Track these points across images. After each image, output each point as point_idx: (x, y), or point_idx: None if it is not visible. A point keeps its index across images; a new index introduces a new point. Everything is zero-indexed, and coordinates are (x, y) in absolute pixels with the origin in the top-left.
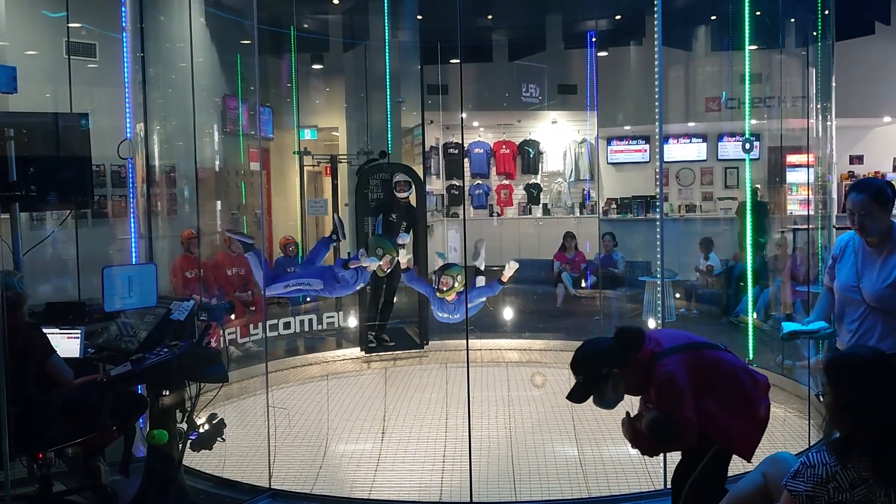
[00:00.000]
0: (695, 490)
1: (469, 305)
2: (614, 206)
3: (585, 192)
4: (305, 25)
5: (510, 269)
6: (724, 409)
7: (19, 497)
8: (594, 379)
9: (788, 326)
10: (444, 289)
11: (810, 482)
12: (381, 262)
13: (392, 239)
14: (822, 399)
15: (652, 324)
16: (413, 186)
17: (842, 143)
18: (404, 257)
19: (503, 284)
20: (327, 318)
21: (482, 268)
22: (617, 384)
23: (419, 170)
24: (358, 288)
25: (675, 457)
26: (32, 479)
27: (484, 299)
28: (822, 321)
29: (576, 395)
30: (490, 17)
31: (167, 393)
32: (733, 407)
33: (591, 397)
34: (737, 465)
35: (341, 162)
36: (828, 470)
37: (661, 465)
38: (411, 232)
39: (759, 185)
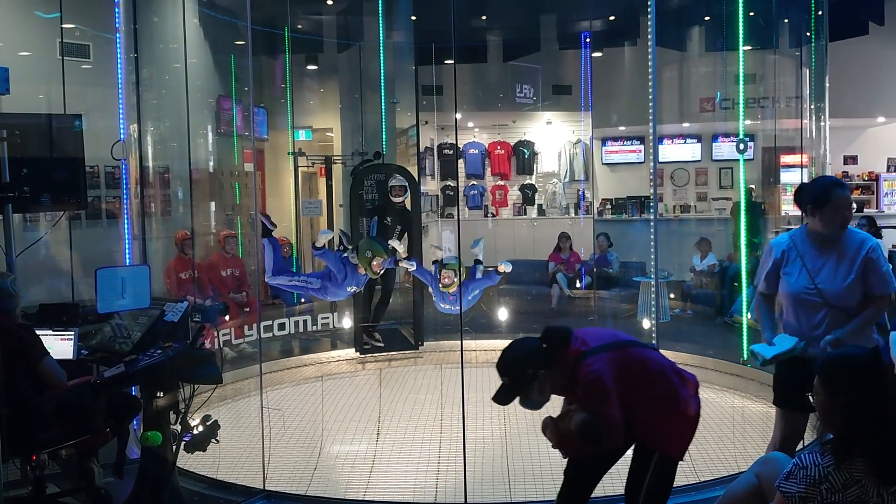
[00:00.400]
0: (650, 498)
1: (470, 297)
2: (609, 206)
3: (580, 192)
4: (299, 26)
5: (505, 267)
6: (653, 408)
7: (12, 499)
8: (521, 380)
9: (763, 351)
10: (447, 282)
11: (803, 483)
12: (374, 264)
13: (383, 241)
14: (812, 399)
15: (647, 324)
16: (409, 191)
17: (836, 143)
18: (401, 246)
19: (501, 275)
20: (322, 319)
21: (480, 257)
22: (543, 385)
23: (414, 170)
24: (352, 293)
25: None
26: (26, 481)
27: (479, 290)
28: (786, 335)
29: (501, 397)
30: (484, 17)
31: (161, 394)
32: (662, 406)
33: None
34: (732, 466)
35: (336, 163)
36: (820, 471)
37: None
38: (405, 236)
39: (753, 186)
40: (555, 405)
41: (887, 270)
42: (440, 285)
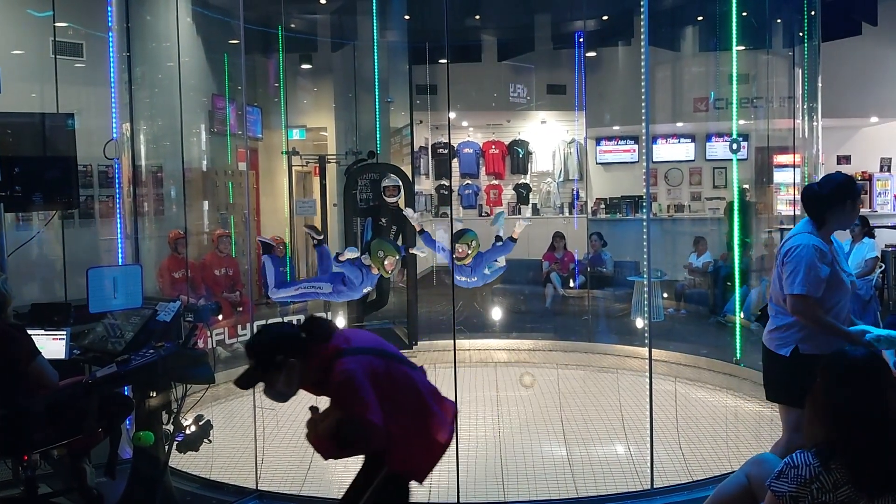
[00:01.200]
0: None
1: (488, 271)
2: (603, 206)
3: (574, 192)
4: (293, 25)
5: (520, 227)
6: (401, 426)
7: (4, 499)
8: (266, 365)
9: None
10: (461, 257)
11: (794, 483)
12: (386, 264)
13: (393, 241)
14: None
15: (640, 323)
16: (402, 191)
17: (829, 143)
18: (416, 221)
19: (515, 242)
20: None
21: (501, 233)
22: (291, 376)
23: (408, 170)
24: (365, 291)
25: (664, 456)
26: (17, 482)
27: (503, 265)
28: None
29: (243, 380)
30: (478, 17)
31: (153, 394)
32: (412, 425)
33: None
34: (725, 465)
35: (330, 162)
36: (811, 471)
37: (649, 465)
38: (401, 236)
39: (747, 186)
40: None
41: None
42: (455, 258)
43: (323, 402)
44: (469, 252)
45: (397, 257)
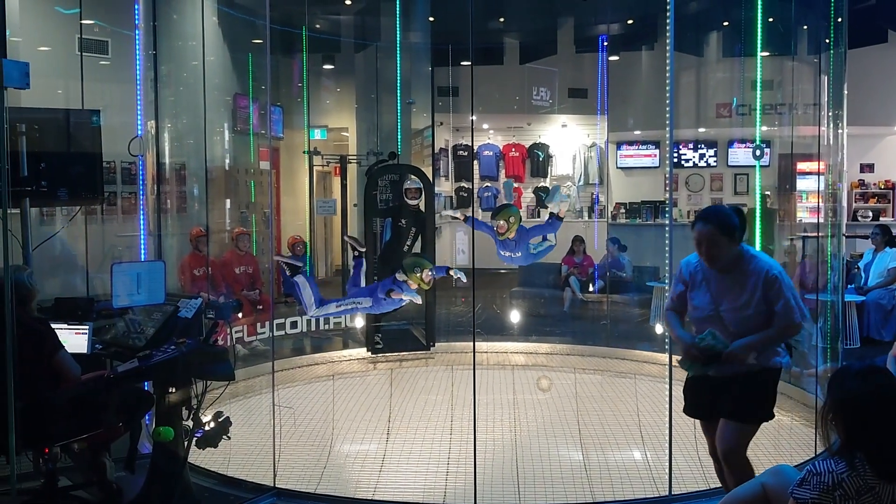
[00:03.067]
0: None
1: (533, 249)
2: (623, 210)
3: (594, 196)
4: (317, 26)
5: (563, 206)
6: None
7: (25, 491)
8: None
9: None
10: (502, 232)
11: (816, 490)
12: (424, 276)
13: (425, 255)
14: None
15: (659, 329)
16: (423, 193)
17: (853, 151)
18: (461, 214)
19: (561, 220)
20: (334, 318)
21: (555, 210)
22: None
23: (428, 171)
24: (405, 303)
25: (682, 462)
26: (38, 474)
27: (552, 243)
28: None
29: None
30: (502, 19)
31: (173, 390)
32: None
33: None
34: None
35: (351, 162)
36: (834, 478)
37: (667, 471)
38: (419, 238)
39: (769, 192)
40: None
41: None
42: (497, 233)
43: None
44: (509, 227)
45: (431, 268)
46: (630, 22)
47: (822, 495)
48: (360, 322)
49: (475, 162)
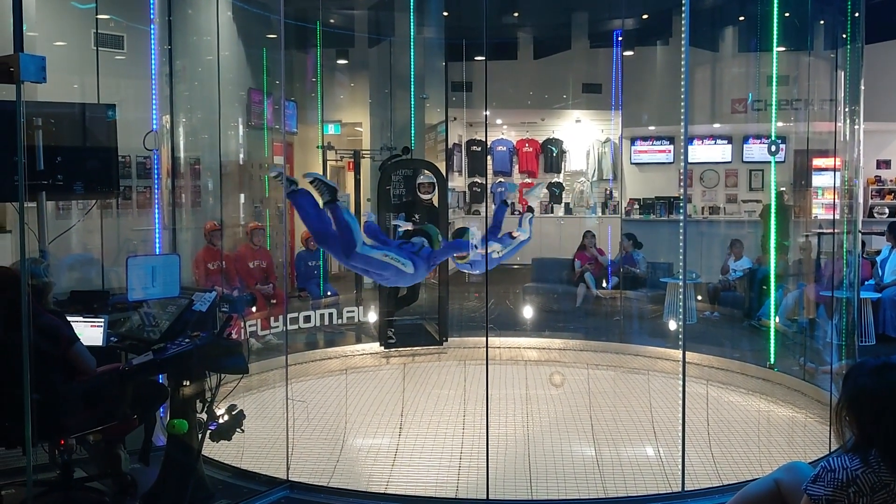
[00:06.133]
0: None
1: (496, 255)
2: (637, 206)
3: (608, 191)
4: (331, 20)
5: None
6: None
7: (40, 482)
8: None
9: None
10: (461, 256)
11: (830, 486)
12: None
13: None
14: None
15: (673, 325)
16: (437, 188)
17: (869, 147)
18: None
19: (532, 212)
20: (347, 312)
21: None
22: None
23: (442, 167)
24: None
25: (695, 459)
26: (53, 466)
27: (524, 238)
28: None
29: None
30: (516, 14)
31: (188, 383)
32: None
33: None
34: (756, 469)
35: (364, 157)
36: (848, 474)
37: (680, 467)
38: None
39: (784, 188)
40: None
41: None
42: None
43: None
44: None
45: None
46: (645, 17)
47: (836, 492)
48: (373, 317)
49: (489, 157)
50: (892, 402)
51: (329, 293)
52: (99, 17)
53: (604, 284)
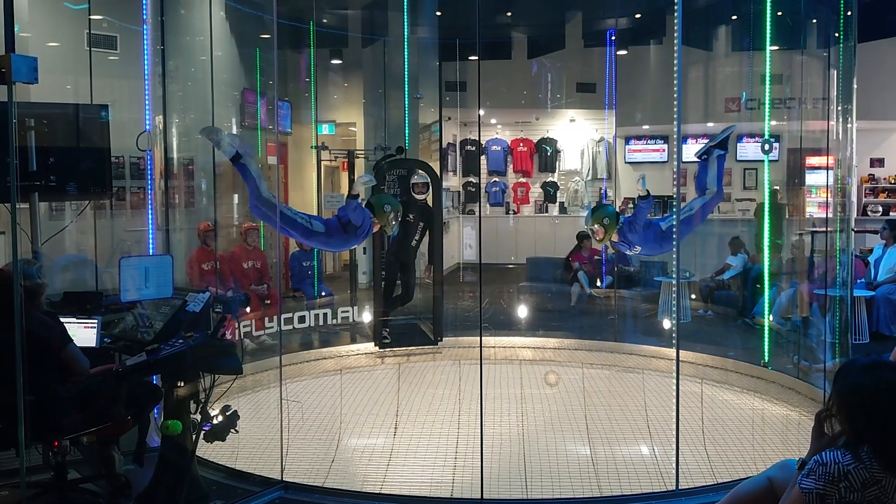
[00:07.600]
0: None
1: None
2: (631, 205)
3: (602, 191)
4: (325, 20)
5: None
6: None
7: (34, 484)
8: None
9: None
10: (599, 237)
11: (821, 480)
12: (391, 218)
13: (394, 198)
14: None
15: (667, 324)
16: (431, 187)
17: (863, 145)
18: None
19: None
20: (342, 312)
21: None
22: None
23: (436, 166)
24: (358, 244)
25: (689, 457)
26: (47, 467)
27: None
28: None
29: None
30: (509, 14)
31: (182, 384)
32: None
33: None
34: (750, 468)
35: (358, 157)
36: (840, 469)
37: (674, 466)
38: (427, 233)
39: (778, 187)
40: None
41: None
42: (596, 240)
43: None
44: (606, 231)
45: (400, 211)
46: (638, 16)
47: (827, 486)
48: (367, 317)
49: (483, 157)
50: (882, 399)
51: (323, 293)
52: (92, 17)
53: (598, 283)
